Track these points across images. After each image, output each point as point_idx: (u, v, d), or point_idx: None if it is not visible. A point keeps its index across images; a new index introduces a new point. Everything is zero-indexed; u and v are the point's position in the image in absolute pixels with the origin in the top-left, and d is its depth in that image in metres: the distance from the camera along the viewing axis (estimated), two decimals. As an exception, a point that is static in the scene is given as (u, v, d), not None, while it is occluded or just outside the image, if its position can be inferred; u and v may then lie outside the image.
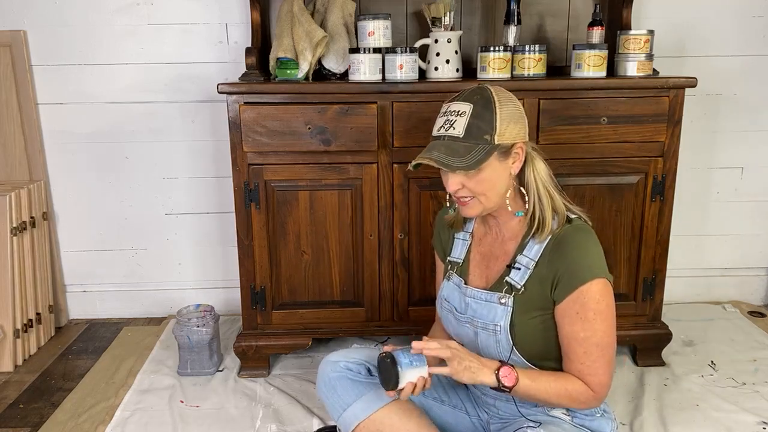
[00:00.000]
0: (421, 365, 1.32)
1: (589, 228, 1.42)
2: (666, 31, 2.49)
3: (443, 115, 1.38)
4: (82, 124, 2.55)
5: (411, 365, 1.31)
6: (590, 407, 1.39)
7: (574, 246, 1.36)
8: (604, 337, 1.35)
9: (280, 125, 2.00)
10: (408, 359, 1.31)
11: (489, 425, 1.57)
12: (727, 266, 2.80)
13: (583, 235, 1.39)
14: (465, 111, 1.35)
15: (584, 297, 1.34)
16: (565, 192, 2.04)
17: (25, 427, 1.97)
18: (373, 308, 2.19)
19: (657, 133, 2.05)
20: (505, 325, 1.40)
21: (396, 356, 1.32)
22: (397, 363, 1.31)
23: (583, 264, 1.35)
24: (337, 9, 2.22)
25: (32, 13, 2.45)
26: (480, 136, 1.33)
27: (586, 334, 1.34)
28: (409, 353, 1.32)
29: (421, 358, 1.33)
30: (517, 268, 1.41)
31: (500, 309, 1.41)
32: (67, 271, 2.71)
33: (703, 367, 2.27)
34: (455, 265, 1.55)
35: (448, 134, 1.35)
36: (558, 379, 1.36)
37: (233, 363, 2.30)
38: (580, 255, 1.36)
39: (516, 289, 1.40)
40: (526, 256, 1.41)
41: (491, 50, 2.08)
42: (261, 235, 2.10)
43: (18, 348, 2.34)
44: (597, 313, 1.34)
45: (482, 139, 1.33)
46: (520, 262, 1.41)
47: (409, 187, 2.08)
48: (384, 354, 1.34)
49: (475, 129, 1.33)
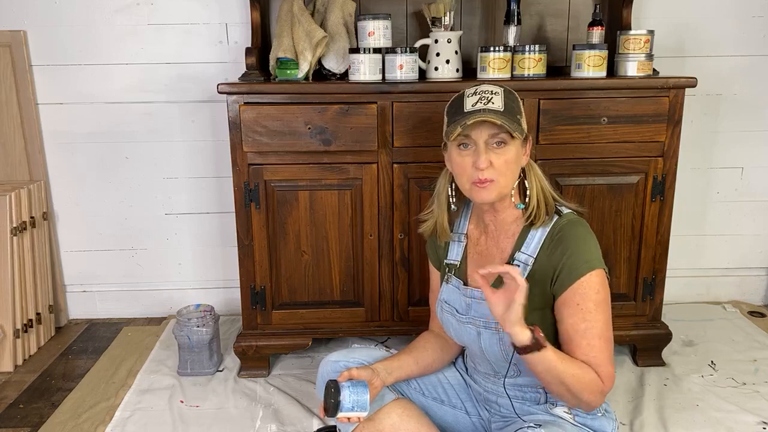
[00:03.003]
0: (362, 411, 1.36)
1: (583, 221, 1.45)
2: (666, 31, 2.50)
3: (474, 95, 1.41)
4: (82, 124, 2.55)
5: (352, 410, 1.35)
6: (595, 401, 1.36)
7: (572, 239, 1.39)
8: (605, 330, 1.36)
9: (280, 125, 2.00)
10: (351, 404, 1.35)
11: (490, 424, 1.57)
12: (727, 266, 2.80)
13: (579, 228, 1.42)
14: (498, 92, 1.41)
15: (584, 288, 1.36)
16: (565, 192, 2.07)
17: (25, 427, 1.97)
18: (373, 308, 2.19)
19: (657, 133, 2.05)
20: None
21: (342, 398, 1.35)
22: (339, 405, 1.35)
23: (582, 256, 1.37)
24: (337, 9, 2.22)
25: (32, 13, 2.45)
26: (514, 115, 1.40)
27: (587, 325, 1.35)
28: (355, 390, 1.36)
29: (364, 403, 1.35)
30: (516, 265, 1.42)
31: None
32: (67, 271, 2.71)
33: (703, 367, 2.27)
34: (453, 267, 1.56)
35: (488, 107, 1.38)
36: (577, 362, 1.34)
37: (233, 363, 2.30)
38: (578, 248, 1.38)
39: None
40: (524, 252, 1.43)
41: (491, 50, 2.08)
42: (261, 235, 2.10)
43: (18, 348, 2.34)
44: (597, 303, 1.36)
45: (515, 118, 1.40)
46: (519, 259, 1.43)
47: (409, 187, 2.08)
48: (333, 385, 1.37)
49: (510, 108, 1.40)
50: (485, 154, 1.38)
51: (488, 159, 1.38)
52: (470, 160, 1.40)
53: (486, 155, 1.38)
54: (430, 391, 1.61)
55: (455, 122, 1.40)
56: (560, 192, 2.05)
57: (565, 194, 2.06)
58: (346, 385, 1.37)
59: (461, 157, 1.42)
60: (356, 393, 1.36)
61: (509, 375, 1.48)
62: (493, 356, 1.46)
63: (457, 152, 1.42)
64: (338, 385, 1.37)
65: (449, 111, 1.46)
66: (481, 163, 1.37)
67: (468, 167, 1.40)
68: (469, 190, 1.43)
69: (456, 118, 1.41)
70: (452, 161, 1.46)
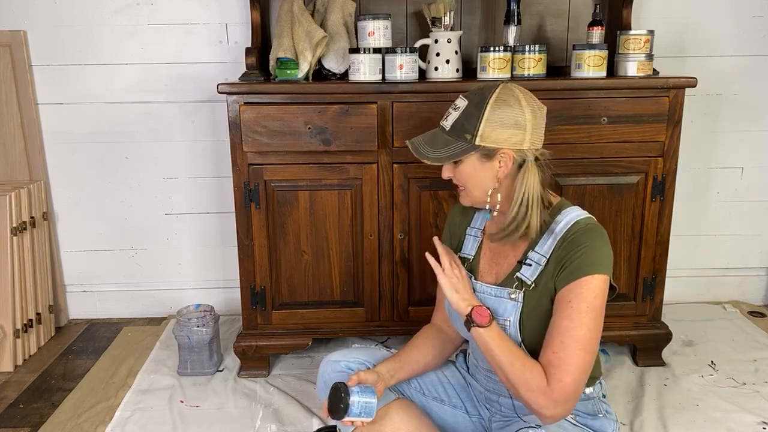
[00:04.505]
0: (367, 417, 1.37)
1: (602, 230, 1.40)
2: (666, 31, 2.50)
3: (451, 105, 1.45)
4: (82, 124, 2.55)
5: (359, 415, 1.36)
6: (537, 403, 1.27)
7: (587, 242, 1.35)
8: (587, 337, 1.28)
9: (280, 125, 2.00)
10: (359, 410, 1.35)
11: (490, 423, 1.57)
12: (727, 266, 2.80)
13: (596, 234, 1.37)
14: (460, 107, 1.41)
15: (583, 288, 1.31)
16: (565, 192, 2.06)
17: (25, 427, 1.97)
18: (373, 308, 2.19)
19: (657, 133, 2.05)
20: (514, 321, 1.40)
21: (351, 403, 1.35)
22: (348, 409, 1.35)
23: (591, 258, 1.34)
24: (337, 9, 2.23)
25: (32, 13, 2.45)
26: (462, 134, 1.39)
27: (571, 324, 1.29)
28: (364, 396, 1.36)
29: (371, 410, 1.36)
30: (528, 264, 1.40)
31: (510, 304, 1.41)
32: (67, 271, 2.71)
33: (703, 367, 2.27)
34: (466, 261, 1.55)
35: (441, 125, 1.45)
36: (521, 354, 1.33)
37: (233, 363, 2.30)
38: (591, 249, 1.34)
39: (527, 285, 1.40)
40: (537, 252, 1.40)
41: (491, 50, 2.08)
42: (261, 235, 2.10)
43: (18, 348, 2.34)
44: (590, 308, 1.30)
45: (462, 137, 1.39)
46: (532, 258, 1.41)
47: (409, 187, 2.08)
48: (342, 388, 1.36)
49: (459, 126, 1.40)
50: (445, 167, 1.45)
51: (447, 171, 1.45)
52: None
53: (446, 167, 1.45)
54: (430, 391, 1.61)
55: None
56: (560, 193, 2.06)
57: (565, 194, 2.06)
58: (356, 390, 1.36)
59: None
60: (365, 399, 1.36)
61: None
62: None
63: None
64: (348, 388, 1.36)
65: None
66: (442, 174, 1.46)
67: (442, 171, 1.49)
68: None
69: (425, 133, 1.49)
70: None
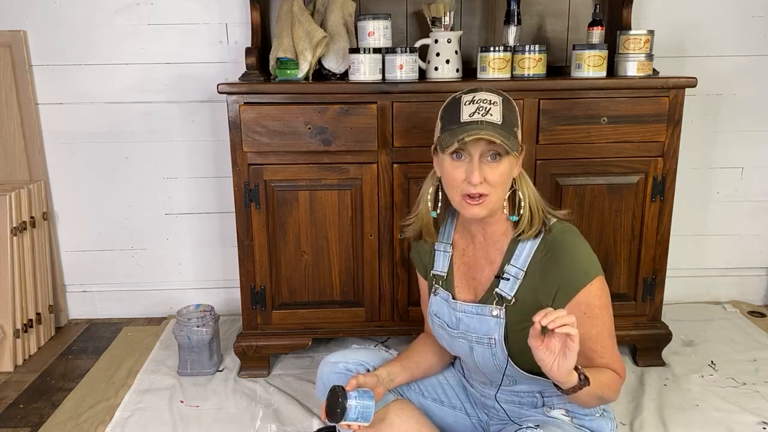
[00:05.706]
0: (365, 421, 1.36)
1: (571, 227, 1.41)
2: (666, 31, 2.49)
3: (472, 103, 1.34)
4: (82, 124, 2.55)
5: (356, 420, 1.35)
6: (617, 396, 1.41)
7: (566, 250, 1.36)
8: (609, 324, 1.39)
9: (280, 125, 2.00)
10: (356, 414, 1.34)
11: (489, 426, 1.57)
12: (727, 266, 2.80)
13: (571, 236, 1.38)
14: (497, 101, 1.35)
15: (587, 297, 1.34)
16: (565, 192, 2.07)
17: (25, 427, 1.97)
18: (373, 308, 2.19)
19: (657, 133, 2.05)
20: (499, 338, 1.39)
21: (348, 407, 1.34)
22: (345, 413, 1.34)
23: (579, 267, 1.35)
24: (337, 9, 2.22)
25: (32, 13, 2.45)
26: (512, 128, 1.34)
27: (597, 330, 1.36)
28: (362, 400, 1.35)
29: (369, 414, 1.35)
30: (506, 279, 1.39)
31: (493, 321, 1.40)
32: (67, 271, 2.71)
33: (703, 367, 2.27)
34: (440, 279, 1.52)
35: (486, 120, 1.31)
36: (602, 371, 1.36)
37: (233, 363, 2.30)
38: (573, 259, 1.35)
39: (507, 300, 1.39)
40: (514, 265, 1.39)
41: (491, 50, 2.08)
42: (261, 235, 2.10)
43: (18, 348, 2.34)
44: (601, 308, 1.37)
45: (512, 131, 1.34)
46: (509, 272, 1.40)
47: (409, 187, 2.08)
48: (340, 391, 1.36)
49: (508, 120, 1.34)
50: (479, 169, 1.31)
51: (482, 174, 1.31)
52: (463, 173, 1.33)
53: (480, 171, 1.31)
54: (430, 392, 1.61)
55: (451, 132, 1.33)
56: (560, 193, 2.06)
57: (565, 194, 2.07)
58: (354, 394, 1.35)
59: (453, 168, 1.35)
60: (363, 403, 1.35)
61: (504, 384, 1.47)
62: (487, 369, 1.45)
63: (450, 161, 1.35)
64: (345, 392, 1.35)
65: (444, 116, 1.38)
66: (474, 178, 1.31)
67: (460, 179, 1.34)
68: (458, 203, 1.37)
69: (452, 127, 1.33)
70: (443, 169, 1.38)
